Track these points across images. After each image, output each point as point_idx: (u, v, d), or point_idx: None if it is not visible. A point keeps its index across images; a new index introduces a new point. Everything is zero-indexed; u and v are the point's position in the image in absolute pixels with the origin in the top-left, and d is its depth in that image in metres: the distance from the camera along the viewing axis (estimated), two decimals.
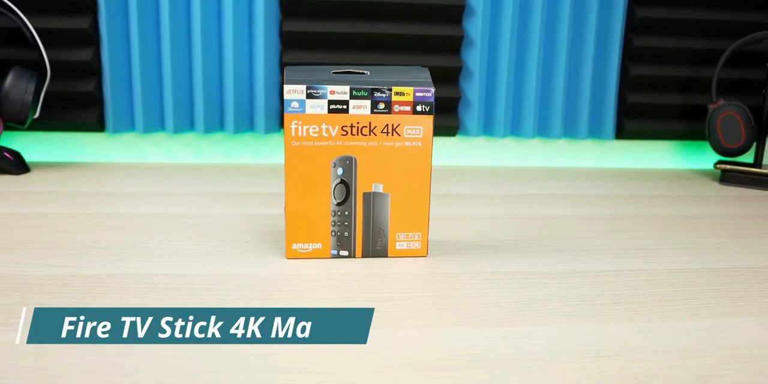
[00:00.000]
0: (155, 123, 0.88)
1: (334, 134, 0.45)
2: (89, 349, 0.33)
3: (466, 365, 0.32)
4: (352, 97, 0.45)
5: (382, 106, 0.46)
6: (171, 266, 0.46)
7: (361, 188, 0.47)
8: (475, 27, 0.88)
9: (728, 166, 0.84)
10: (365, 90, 0.45)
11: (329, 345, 0.34)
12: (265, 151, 0.93)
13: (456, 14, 0.87)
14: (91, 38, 0.82)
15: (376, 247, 0.48)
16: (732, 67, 0.94)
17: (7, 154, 0.79)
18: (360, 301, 0.40)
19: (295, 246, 0.47)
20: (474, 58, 0.89)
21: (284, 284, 0.43)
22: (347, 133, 0.46)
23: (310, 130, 0.45)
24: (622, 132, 0.95)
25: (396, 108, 0.46)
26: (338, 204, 0.47)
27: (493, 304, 0.40)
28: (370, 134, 0.46)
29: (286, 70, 0.47)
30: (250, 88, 0.88)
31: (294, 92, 0.45)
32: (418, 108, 0.46)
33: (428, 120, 0.46)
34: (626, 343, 0.35)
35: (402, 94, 0.46)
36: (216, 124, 0.89)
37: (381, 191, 0.47)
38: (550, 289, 0.43)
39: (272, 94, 0.88)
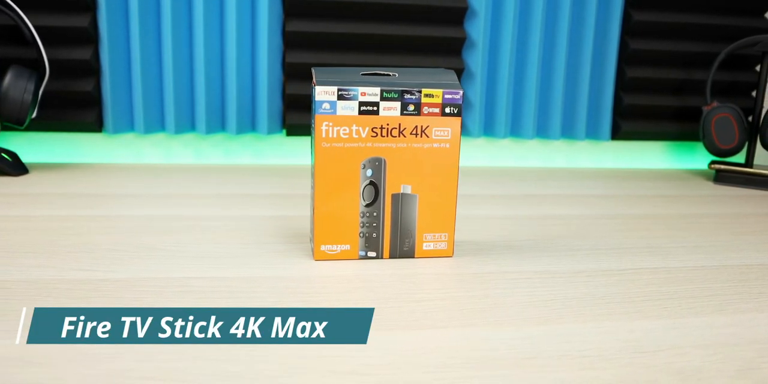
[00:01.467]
0: (155, 123, 0.87)
1: (364, 136, 0.46)
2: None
3: (518, 363, 0.32)
4: (382, 98, 0.45)
5: (411, 107, 0.46)
6: (200, 269, 0.45)
7: (390, 189, 0.47)
8: (476, 29, 0.89)
9: (723, 167, 0.87)
10: (395, 92, 0.45)
11: (381, 344, 0.34)
12: (266, 152, 0.93)
13: (458, 16, 0.88)
14: (91, 37, 0.81)
15: (404, 248, 0.48)
16: (723, 70, 0.97)
17: (5, 155, 0.77)
18: (398, 302, 0.40)
19: (323, 248, 0.47)
20: (475, 60, 0.90)
21: (318, 286, 0.43)
22: (377, 134, 0.46)
23: (341, 132, 0.45)
24: (618, 133, 0.97)
25: (425, 110, 0.46)
26: (367, 205, 0.47)
27: (528, 303, 0.41)
28: (399, 136, 0.46)
29: (315, 71, 0.47)
30: (253, 88, 0.88)
31: (325, 93, 0.45)
32: (447, 110, 0.47)
33: (456, 122, 0.47)
34: (664, 339, 0.36)
35: (431, 96, 0.46)
36: (217, 124, 0.88)
37: (409, 192, 0.47)
38: (579, 288, 0.44)
39: (275, 95, 0.88)
